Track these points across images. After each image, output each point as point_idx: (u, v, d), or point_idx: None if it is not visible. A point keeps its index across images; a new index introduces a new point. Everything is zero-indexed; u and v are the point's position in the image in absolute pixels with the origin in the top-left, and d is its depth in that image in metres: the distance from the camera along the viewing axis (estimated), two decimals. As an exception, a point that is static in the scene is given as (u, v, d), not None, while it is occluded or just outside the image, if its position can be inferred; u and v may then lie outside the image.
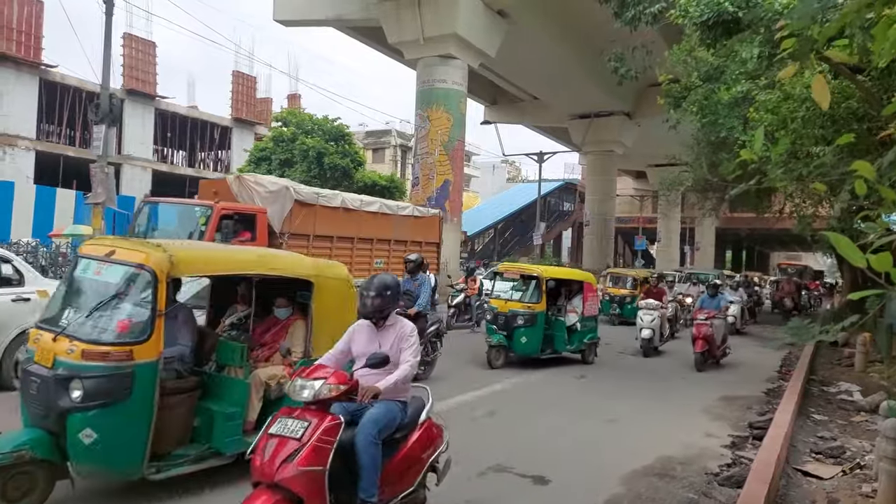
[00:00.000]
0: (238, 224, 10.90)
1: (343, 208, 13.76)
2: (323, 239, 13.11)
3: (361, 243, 14.43)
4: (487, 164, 57.96)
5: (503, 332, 9.87)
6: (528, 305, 10.04)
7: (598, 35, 15.63)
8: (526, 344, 9.86)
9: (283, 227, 11.98)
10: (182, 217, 11.26)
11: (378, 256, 14.60)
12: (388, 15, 17.49)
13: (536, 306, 9.95)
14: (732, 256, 58.34)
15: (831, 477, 5.36)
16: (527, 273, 10.73)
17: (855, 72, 6.15)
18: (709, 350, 10.58)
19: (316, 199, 12.93)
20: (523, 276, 10.81)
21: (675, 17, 7.78)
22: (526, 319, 9.83)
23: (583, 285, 10.95)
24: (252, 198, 11.69)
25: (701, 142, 14.86)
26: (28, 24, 24.86)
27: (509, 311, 9.96)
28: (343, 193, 14.84)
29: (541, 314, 9.92)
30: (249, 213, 11.47)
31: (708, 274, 24.08)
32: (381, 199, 16.33)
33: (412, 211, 16.44)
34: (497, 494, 4.69)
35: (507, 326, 9.86)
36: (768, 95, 7.94)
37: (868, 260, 1.74)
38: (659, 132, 17.22)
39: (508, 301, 10.27)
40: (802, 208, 13.72)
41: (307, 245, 12.64)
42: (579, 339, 10.61)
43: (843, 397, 8.67)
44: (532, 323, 9.83)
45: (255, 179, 12.26)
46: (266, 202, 11.70)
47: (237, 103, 34.32)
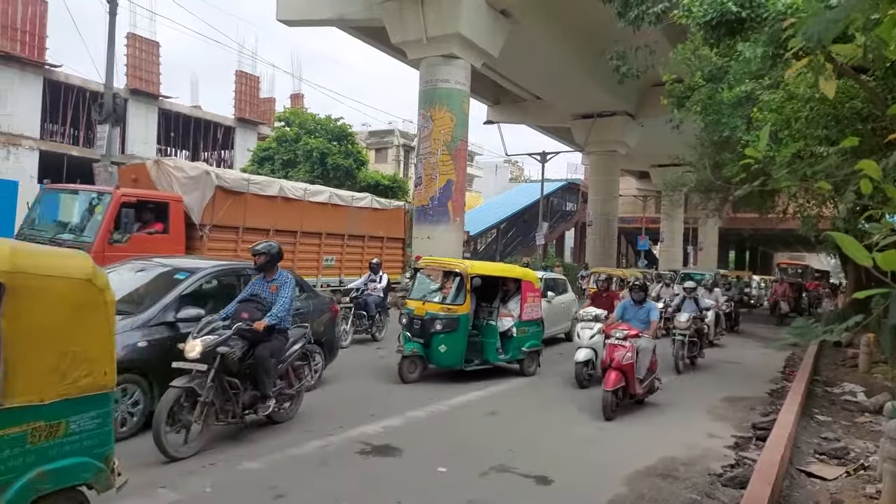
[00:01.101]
0: (147, 213, 9.85)
1: (282, 198, 12.41)
2: (256, 232, 11.62)
3: (308, 238, 12.98)
4: (490, 164, 57.92)
5: (419, 340, 8.39)
6: (449, 307, 8.54)
7: (602, 35, 15.61)
8: (446, 353, 8.40)
9: (202, 217, 10.78)
10: (82, 206, 10.06)
11: (329, 253, 13.07)
12: (390, 15, 17.50)
13: (459, 308, 8.50)
14: (736, 257, 58.24)
15: (835, 478, 5.34)
16: (449, 268, 9.04)
17: (859, 72, 6.13)
18: (626, 386, 7.23)
19: (246, 186, 11.65)
20: (445, 272, 9.10)
21: (679, 17, 7.77)
22: (445, 324, 8.35)
23: (520, 284, 9.42)
24: (171, 184, 10.55)
25: (704, 142, 14.83)
26: (32, 24, 24.90)
27: (426, 313, 8.44)
28: (282, 181, 13.59)
29: (464, 317, 8.48)
30: (159, 202, 10.16)
31: (703, 274, 22.96)
32: (332, 189, 14.63)
33: (370, 202, 15.02)
34: (499, 494, 4.68)
35: (424, 332, 8.37)
36: (772, 95, 7.92)
37: (874, 259, 1.73)
38: (662, 132, 17.19)
39: (426, 302, 8.71)
40: (806, 208, 13.69)
41: (236, 239, 11.46)
42: (516, 348, 9.10)
43: (847, 398, 8.64)
44: (453, 328, 8.36)
45: (174, 164, 11.04)
46: (185, 189, 10.55)
47: (240, 103, 34.34)
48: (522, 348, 9.18)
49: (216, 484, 4.52)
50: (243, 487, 4.53)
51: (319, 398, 7.09)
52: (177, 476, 4.59)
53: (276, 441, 5.55)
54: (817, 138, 7.13)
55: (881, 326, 10.54)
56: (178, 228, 10.25)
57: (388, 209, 15.61)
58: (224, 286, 6.74)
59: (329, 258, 13.41)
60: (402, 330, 8.70)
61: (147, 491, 4.30)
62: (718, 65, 10.23)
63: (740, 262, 55.32)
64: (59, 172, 27.23)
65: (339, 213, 13.90)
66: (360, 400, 7.32)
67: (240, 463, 4.98)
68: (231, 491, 4.46)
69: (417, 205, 17.73)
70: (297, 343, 6.08)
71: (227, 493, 4.42)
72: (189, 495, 4.31)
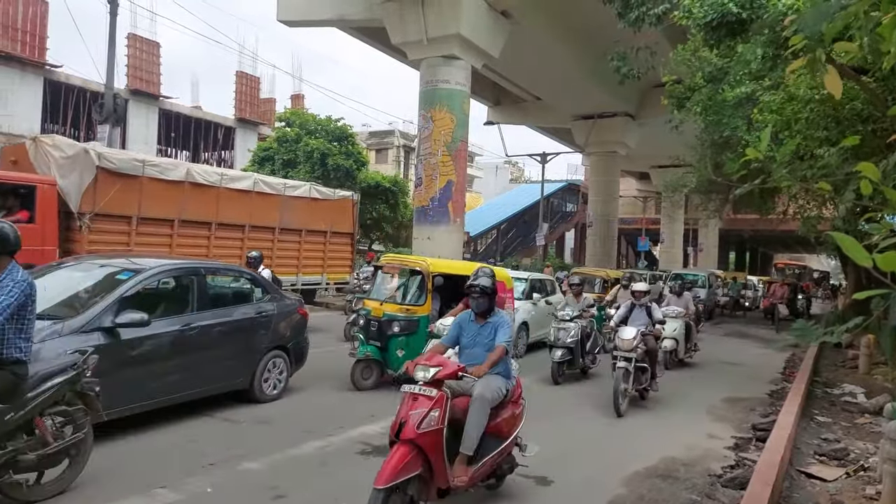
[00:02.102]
0: (9, 199, 8.63)
1: (189, 183, 10.72)
2: (155, 223, 10.26)
3: (226, 231, 11.33)
4: (490, 165, 57.92)
5: (376, 343, 7.85)
6: (408, 308, 7.96)
7: (602, 36, 15.61)
8: (404, 358, 7.40)
9: (81, 204, 9.30)
10: None
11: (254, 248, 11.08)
12: (391, 15, 17.50)
13: (418, 309, 7.94)
14: (736, 258, 58.23)
15: (835, 479, 5.34)
16: (409, 266, 8.44)
17: (860, 73, 6.14)
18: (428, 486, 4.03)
19: (140, 168, 10.05)
20: (404, 269, 8.53)
21: (679, 18, 7.78)
22: (403, 326, 7.77)
23: None
24: (49, 165, 9.34)
25: (705, 142, 14.84)
26: (33, 25, 24.91)
27: (384, 315, 7.91)
28: (191, 164, 12.24)
29: (424, 319, 7.88)
30: (25, 185, 8.73)
31: (698, 275, 22.21)
32: (260, 176, 13.20)
33: (309, 191, 13.30)
34: (500, 494, 4.68)
35: (382, 335, 7.83)
36: (772, 96, 7.92)
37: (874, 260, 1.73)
38: (663, 133, 17.18)
39: (384, 302, 8.13)
40: (807, 210, 13.69)
41: (128, 231, 9.91)
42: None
43: (847, 399, 8.64)
44: (412, 330, 7.80)
45: (52, 142, 9.68)
46: (62, 171, 9.30)
47: (241, 103, 34.36)
48: None
49: (216, 484, 4.52)
50: (244, 488, 4.53)
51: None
52: (177, 477, 4.59)
53: (277, 441, 5.55)
54: (818, 139, 7.13)
55: (881, 328, 10.55)
56: (50, 217, 8.91)
57: (331, 199, 13.84)
58: (178, 288, 6.26)
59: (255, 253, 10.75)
60: (358, 332, 8.17)
61: (148, 491, 4.31)
62: (719, 66, 10.24)
63: (740, 264, 55.29)
64: (59, 173, 27.26)
65: (268, 203, 12.19)
66: (345, 405, 7.32)
67: (240, 463, 4.98)
68: (231, 491, 4.46)
69: (417, 205, 17.71)
70: (49, 380, 3.98)
71: (228, 493, 4.42)
72: (189, 495, 4.31)
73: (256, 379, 6.74)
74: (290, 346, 7.23)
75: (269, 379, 6.93)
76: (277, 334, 7.02)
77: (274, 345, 6.97)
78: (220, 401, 6.56)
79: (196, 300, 6.11)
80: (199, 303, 6.12)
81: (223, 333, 6.33)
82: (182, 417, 6.00)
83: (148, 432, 5.57)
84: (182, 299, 6.07)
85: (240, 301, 6.95)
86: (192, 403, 6.21)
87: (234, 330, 6.48)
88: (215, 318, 6.26)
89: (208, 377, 6.20)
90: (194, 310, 6.06)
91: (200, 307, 6.13)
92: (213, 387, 6.30)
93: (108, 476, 4.47)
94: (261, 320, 6.82)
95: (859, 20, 2.43)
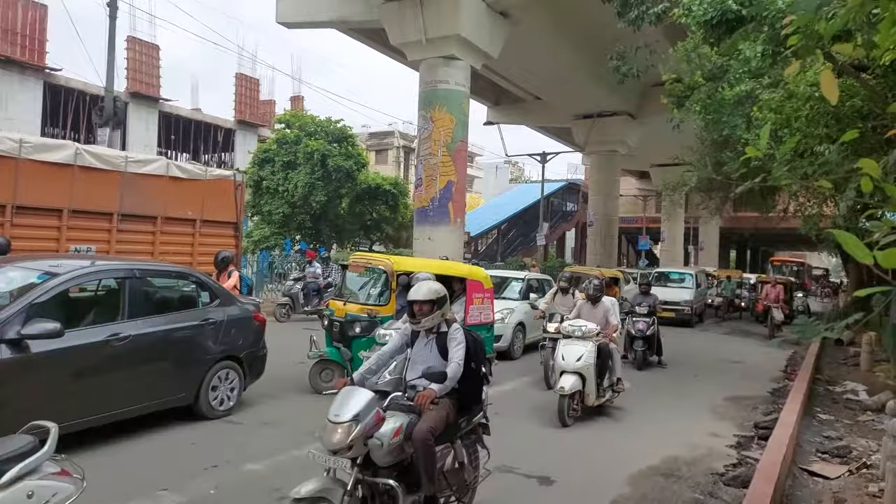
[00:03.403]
0: None
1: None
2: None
3: (30, 216, 8.92)
4: (490, 165, 57.93)
5: (338, 344, 7.27)
6: (370, 308, 7.66)
7: (602, 35, 15.61)
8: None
9: None
10: None
11: (81, 240, 9.34)
12: (390, 16, 17.50)
13: (381, 309, 7.64)
14: (737, 256, 58.22)
15: (837, 477, 5.34)
16: (373, 265, 8.16)
17: (859, 70, 6.13)
18: None
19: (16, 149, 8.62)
20: (368, 268, 8.24)
21: (679, 16, 7.77)
22: (364, 327, 7.46)
23: (465, 284, 8.31)
24: None
25: (705, 141, 14.83)
26: (32, 28, 24.95)
27: (346, 315, 7.65)
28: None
29: (386, 320, 7.58)
30: None
31: (685, 273, 20.46)
32: (87, 147, 10.37)
33: (165, 168, 10.75)
34: (502, 495, 4.68)
35: (343, 336, 7.53)
36: (772, 94, 7.92)
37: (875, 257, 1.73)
38: (663, 132, 17.16)
39: (347, 302, 7.92)
40: (807, 207, 13.69)
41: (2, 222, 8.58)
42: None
43: (849, 397, 8.64)
44: (373, 331, 7.44)
45: None
46: None
47: (240, 105, 34.40)
48: None
49: (220, 486, 4.53)
50: (247, 489, 4.53)
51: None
52: (180, 478, 4.59)
53: (279, 443, 5.56)
54: (818, 137, 7.13)
55: (883, 325, 10.54)
56: None
57: (200, 180, 11.15)
58: (107, 293, 5.70)
59: (83, 247, 9.38)
60: (325, 334, 7.95)
61: (151, 493, 4.31)
62: (718, 64, 10.23)
63: (741, 262, 55.27)
64: (59, 176, 27.28)
65: (103, 181, 9.70)
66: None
67: (243, 465, 4.99)
68: (235, 493, 4.46)
69: (418, 206, 17.72)
70: None
71: (231, 494, 4.43)
72: (193, 497, 4.31)
73: (202, 393, 6.04)
74: (243, 356, 6.50)
75: (217, 393, 6.22)
76: (228, 343, 6.31)
77: (224, 355, 6.26)
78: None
79: (127, 306, 5.40)
80: (130, 309, 5.42)
81: (160, 344, 5.64)
82: (183, 419, 6.00)
83: (149, 434, 5.57)
84: (111, 306, 5.41)
85: (183, 307, 6.21)
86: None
87: (175, 339, 5.79)
88: (151, 326, 5.55)
89: (141, 394, 5.49)
90: (125, 317, 5.37)
91: (133, 314, 5.43)
92: (147, 404, 5.59)
93: (109, 479, 4.47)
94: (207, 328, 6.11)
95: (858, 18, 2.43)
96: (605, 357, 7.28)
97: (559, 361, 7.05)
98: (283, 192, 23.97)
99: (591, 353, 6.98)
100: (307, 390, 7.56)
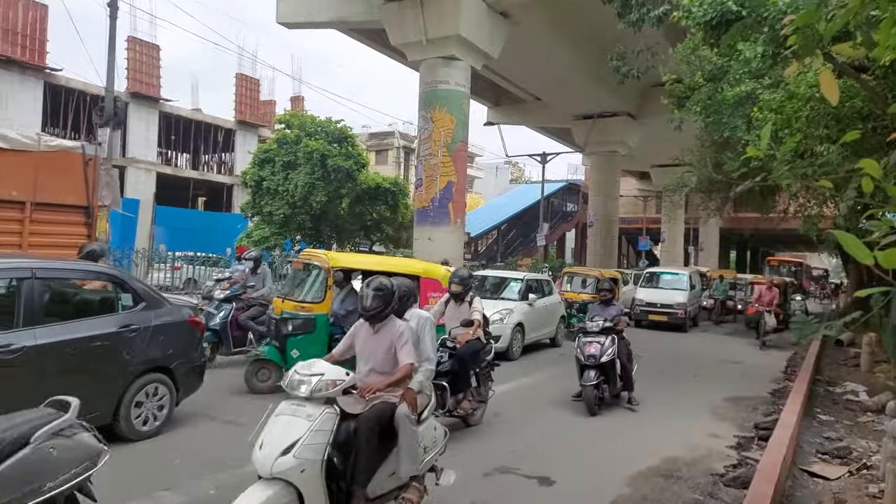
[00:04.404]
0: None
1: None
2: None
3: None
4: (491, 165, 57.96)
5: (275, 343, 7.39)
6: (303, 305, 7.37)
7: (602, 36, 15.62)
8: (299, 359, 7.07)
9: None
10: None
11: None
12: (390, 17, 17.51)
13: (315, 306, 7.30)
14: (737, 257, 58.23)
15: (838, 477, 5.33)
16: (311, 261, 7.87)
17: (859, 71, 6.13)
18: None
19: None
20: (307, 265, 7.97)
21: (679, 17, 7.77)
22: (297, 325, 7.19)
23: (418, 282, 7.70)
24: None
25: (705, 142, 14.83)
26: (33, 28, 24.97)
27: (282, 312, 7.42)
28: None
29: (321, 318, 7.27)
30: None
31: (679, 273, 19.02)
32: None
33: None
34: (502, 495, 4.68)
35: (279, 334, 7.34)
36: (772, 95, 7.92)
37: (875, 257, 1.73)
38: (663, 132, 17.15)
39: (285, 300, 7.63)
40: (807, 208, 13.68)
41: None
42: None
43: (850, 397, 8.64)
44: (307, 330, 7.18)
45: None
46: None
47: (241, 106, 34.43)
48: None
49: (220, 486, 4.53)
50: (246, 489, 4.52)
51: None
52: (181, 478, 4.59)
53: (279, 443, 5.54)
54: (818, 137, 7.13)
55: (883, 325, 10.54)
56: None
57: (30, 152, 9.16)
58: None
59: None
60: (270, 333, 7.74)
61: (151, 493, 4.31)
62: (718, 65, 10.23)
63: (741, 263, 55.25)
64: (60, 176, 27.28)
65: None
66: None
67: (243, 465, 4.97)
68: (235, 493, 4.43)
69: (418, 206, 17.72)
70: None
71: (232, 495, 4.40)
72: (193, 498, 4.31)
73: (122, 411, 5.26)
74: (174, 367, 5.71)
75: (142, 410, 5.43)
76: (154, 353, 5.51)
77: (149, 367, 5.48)
78: (220, 402, 6.56)
79: (23, 312, 4.64)
80: (27, 316, 4.65)
81: (65, 355, 4.82)
82: (184, 420, 6.00)
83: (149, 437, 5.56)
84: (4, 312, 4.65)
85: (98, 312, 5.41)
86: (192, 405, 6.18)
87: (85, 350, 4.98)
88: (52, 335, 4.76)
89: None
90: (20, 325, 4.61)
91: (29, 322, 4.66)
92: None
93: (110, 479, 4.46)
94: (127, 336, 5.29)
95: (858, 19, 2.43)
96: None
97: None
98: (283, 192, 23.99)
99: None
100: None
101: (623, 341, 7.73)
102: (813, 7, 2.51)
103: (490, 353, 6.81)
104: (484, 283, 12.88)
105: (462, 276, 6.71)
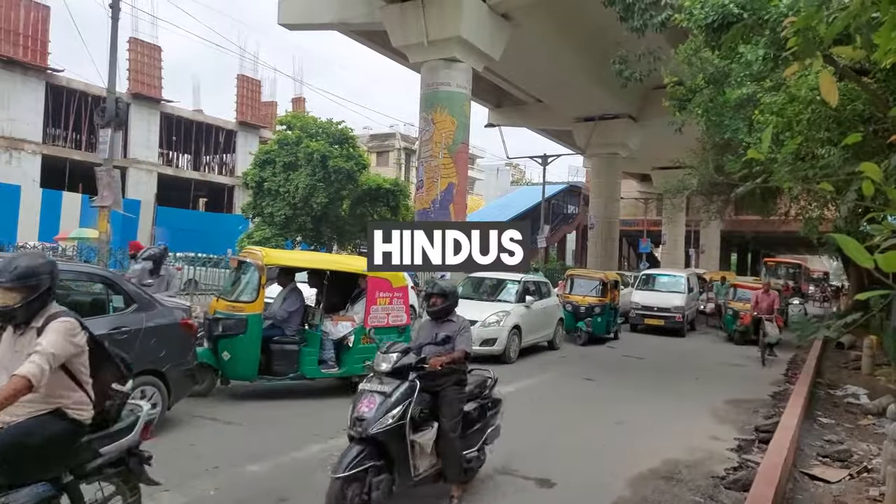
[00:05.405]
0: None
1: None
2: None
3: None
4: (491, 167, 57.98)
5: (209, 345, 7.04)
6: (235, 304, 7.04)
7: (604, 38, 15.64)
8: (230, 362, 6.77)
9: None
10: None
11: None
12: (392, 18, 17.52)
13: (246, 306, 6.93)
14: (738, 259, 58.20)
15: (838, 480, 5.33)
16: (246, 259, 7.53)
17: (860, 73, 6.14)
18: None
19: None
20: (242, 262, 7.63)
21: (680, 20, 7.78)
22: (227, 326, 6.85)
23: (365, 280, 7.41)
24: None
25: (706, 144, 14.83)
26: (35, 29, 25.03)
27: (214, 312, 7.11)
28: None
29: (253, 318, 6.85)
30: None
31: (676, 276, 18.27)
32: None
33: None
34: (502, 496, 4.68)
35: (210, 335, 7.00)
36: (773, 98, 7.92)
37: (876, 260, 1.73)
38: (664, 135, 17.17)
39: (219, 299, 7.31)
40: (808, 211, 13.67)
41: None
42: (356, 361, 7.14)
43: (850, 400, 8.63)
44: (238, 330, 6.81)
45: None
46: None
47: (242, 107, 34.47)
48: (367, 362, 5.05)
49: (220, 487, 4.53)
50: (247, 490, 4.53)
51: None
52: (181, 479, 4.59)
53: (280, 444, 5.56)
54: (819, 140, 7.13)
55: (883, 328, 10.54)
56: None
57: None
58: None
59: None
60: None
61: (152, 494, 4.30)
62: (720, 67, 10.25)
63: (742, 265, 55.22)
64: (61, 176, 27.35)
65: None
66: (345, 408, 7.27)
67: (244, 466, 4.98)
68: (235, 494, 4.46)
69: (419, 208, 17.73)
70: None
71: (232, 495, 4.42)
72: (193, 498, 4.31)
73: None
74: (166, 371, 5.57)
75: None
76: (146, 356, 5.36)
77: (140, 370, 5.19)
78: (221, 402, 6.56)
79: None
80: None
81: None
82: (184, 421, 6.00)
83: (150, 435, 5.56)
84: None
85: (89, 313, 5.16)
86: (192, 405, 6.16)
87: None
88: None
89: None
90: None
91: None
92: None
93: (111, 479, 4.47)
94: (118, 339, 5.10)
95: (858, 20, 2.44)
96: None
97: None
98: (284, 193, 23.98)
99: None
100: (308, 393, 7.56)
101: (453, 390, 4.31)
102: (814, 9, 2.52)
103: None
104: (480, 284, 12.76)
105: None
